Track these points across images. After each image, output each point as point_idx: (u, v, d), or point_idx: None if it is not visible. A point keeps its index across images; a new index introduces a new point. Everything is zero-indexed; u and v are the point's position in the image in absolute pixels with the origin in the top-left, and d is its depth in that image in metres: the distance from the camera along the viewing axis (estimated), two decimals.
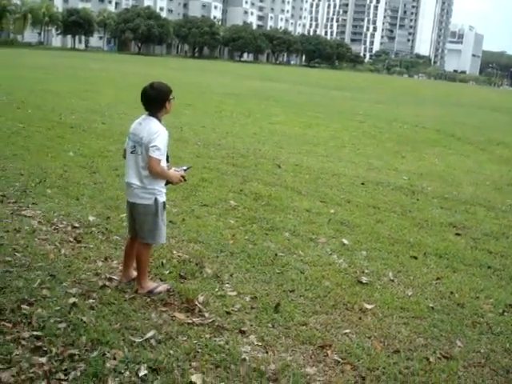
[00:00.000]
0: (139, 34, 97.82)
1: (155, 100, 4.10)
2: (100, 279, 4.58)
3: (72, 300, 4.13)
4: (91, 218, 6.14)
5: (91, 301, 4.17)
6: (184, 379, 3.28)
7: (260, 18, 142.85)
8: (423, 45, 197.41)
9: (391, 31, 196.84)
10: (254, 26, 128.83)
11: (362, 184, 9.51)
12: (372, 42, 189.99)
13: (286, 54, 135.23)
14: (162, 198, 4.23)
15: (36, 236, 5.48)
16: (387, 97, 39.64)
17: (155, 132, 4.04)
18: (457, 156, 14.42)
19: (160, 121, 4.15)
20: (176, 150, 9.85)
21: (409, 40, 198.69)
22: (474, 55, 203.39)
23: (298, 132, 15.55)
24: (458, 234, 7.19)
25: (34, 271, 4.59)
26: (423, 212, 8.13)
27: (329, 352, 3.83)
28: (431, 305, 4.84)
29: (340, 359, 3.76)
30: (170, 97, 4.15)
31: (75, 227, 5.83)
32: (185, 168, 4.36)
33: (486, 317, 4.74)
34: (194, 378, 3.29)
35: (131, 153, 4.18)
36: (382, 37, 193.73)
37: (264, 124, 16.47)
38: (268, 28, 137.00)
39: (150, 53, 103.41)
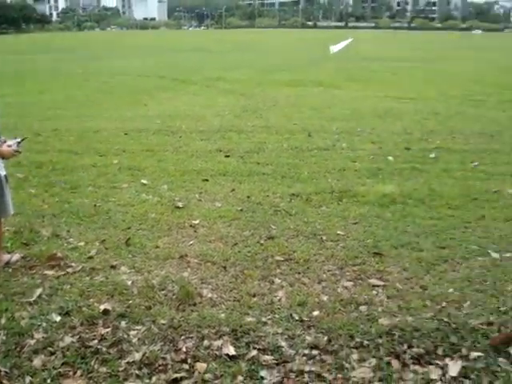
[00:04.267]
0: None
1: None
2: None
3: None
4: None
5: None
6: (95, 311, 3.80)
7: None
8: None
9: None
10: None
11: (126, 134, 10.15)
12: (56, 0, 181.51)
13: None
14: (2, 172, 4.42)
15: None
16: (93, 52, 39.43)
17: None
18: (190, 96, 15.83)
19: None
20: None
21: None
22: (159, 1, 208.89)
23: (33, 100, 15.14)
24: (227, 156, 8.44)
25: None
26: (190, 146, 9.20)
27: (189, 259, 4.66)
28: (239, 208, 5.96)
29: (200, 261, 4.63)
30: None
31: None
32: (18, 140, 4.55)
33: (280, 206, 6.05)
34: (103, 306, 3.84)
35: None
36: None
37: None
38: None
39: None
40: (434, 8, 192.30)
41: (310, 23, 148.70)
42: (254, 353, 3.33)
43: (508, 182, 7.09)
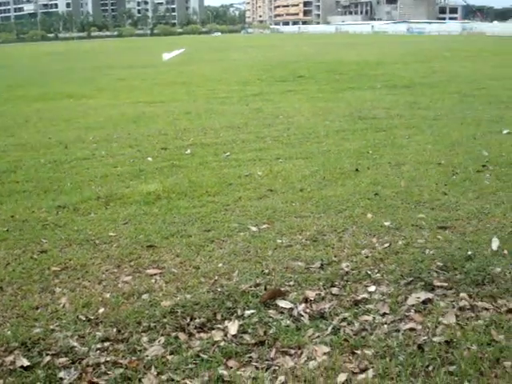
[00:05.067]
0: None
1: None
2: None
3: None
4: None
5: None
6: None
7: None
8: None
9: None
10: None
11: None
12: None
13: None
14: None
15: None
16: None
17: None
18: None
19: None
20: None
21: None
22: None
23: None
24: None
25: None
26: None
27: None
28: (5, 229, 5.71)
29: None
30: None
31: None
32: None
33: (48, 220, 5.97)
34: None
35: None
36: None
37: None
38: None
39: None
40: (174, 13, 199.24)
41: (50, 35, 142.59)
42: (48, 358, 3.41)
43: (256, 166, 7.99)
